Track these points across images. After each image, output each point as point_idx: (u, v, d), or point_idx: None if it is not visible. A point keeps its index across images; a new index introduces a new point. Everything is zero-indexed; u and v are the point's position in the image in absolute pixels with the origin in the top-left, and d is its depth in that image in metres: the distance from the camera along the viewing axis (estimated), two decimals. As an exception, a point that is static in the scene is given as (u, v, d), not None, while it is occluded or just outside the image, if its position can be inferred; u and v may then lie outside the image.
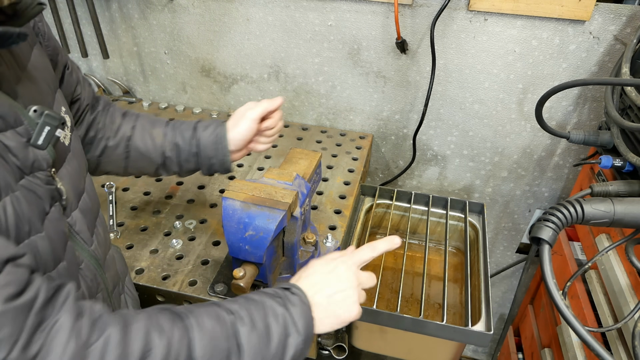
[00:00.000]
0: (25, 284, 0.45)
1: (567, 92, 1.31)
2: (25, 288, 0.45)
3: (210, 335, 0.56)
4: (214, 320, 0.58)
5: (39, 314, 0.45)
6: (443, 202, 1.25)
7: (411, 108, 1.47)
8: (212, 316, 0.59)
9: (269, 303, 0.63)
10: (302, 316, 0.64)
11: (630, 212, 0.75)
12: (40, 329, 0.45)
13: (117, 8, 1.54)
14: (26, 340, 0.43)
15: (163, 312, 0.57)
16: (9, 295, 0.43)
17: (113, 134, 0.89)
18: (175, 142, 0.91)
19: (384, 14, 1.31)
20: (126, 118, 0.92)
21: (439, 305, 1.17)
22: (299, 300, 0.65)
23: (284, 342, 0.61)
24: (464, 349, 1.08)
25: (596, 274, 1.10)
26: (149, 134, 0.91)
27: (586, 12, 1.15)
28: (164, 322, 0.55)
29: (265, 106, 0.92)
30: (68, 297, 0.49)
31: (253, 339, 0.59)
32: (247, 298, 0.64)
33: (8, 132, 0.51)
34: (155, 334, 0.53)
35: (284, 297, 0.65)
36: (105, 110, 0.90)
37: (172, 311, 0.58)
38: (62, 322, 0.46)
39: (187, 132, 0.92)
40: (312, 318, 0.65)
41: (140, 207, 1.20)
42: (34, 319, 0.44)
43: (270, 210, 0.79)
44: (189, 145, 0.91)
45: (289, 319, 0.63)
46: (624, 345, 0.94)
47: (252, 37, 1.48)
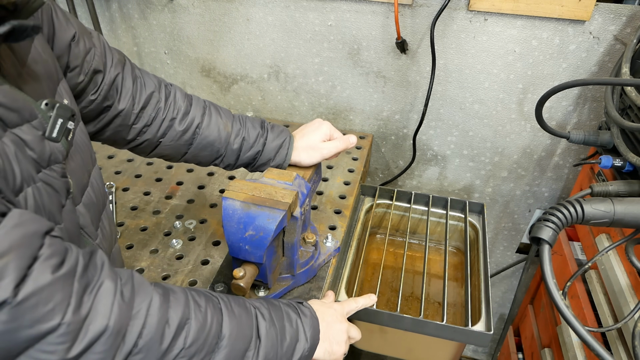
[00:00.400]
0: (64, 253, 0.48)
1: (567, 92, 1.31)
2: (65, 257, 0.48)
3: (238, 320, 0.62)
4: (241, 308, 0.64)
5: (83, 279, 0.48)
6: (443, 202, 1.25)
7: (411, 108, 1.47)
8: (240, 304, 0.65)
9: (285, 309, 0.71)
10: (311, 327, 0.72)
11: (630, 212, 0.75)
12: (87, 292, 0.48)
13: (117, 8, 1.54)
14: (76, 303, 0.46)
15: (197, 291, 0.62)
16: (54, 266, 0.46)
17: (180, 117, 0.86)
18: (243, 137, 0.91)
19: (384, 14, 1.31)
20: (193, 103, 0.89)
21: (438, 304, 1.17)
22: (309, 313, 0.74)
23: (294, 345, 0.69)
24: (464, 349, 1.08)
25: (596, 274, 1.10)
26: (218, 123, 0.89)
27: (586, 12, 1.15)
28: (199, 299, 0.60)
29: (341, 148, 0.95)
30: (104, 262, 0.52)
31: (271, 334, 0.66)
32: (266, 300, 0.72)
33: (24, 126, 0.52)
34: (194, 305, 0.58)
35: (298, 307, 0.74)
36: (161, 89, 0.86)
37: (204, 292, 0.63)
38: (105, 285, 0.50)
39: (254, 130, 0.92)
40: (318, 331, 0.74)
41: (140, 207, 1.20)
42: (79, 284, 0.48)
43: (270, 210, 0.79)
44: (256, 144, 0.91)
45: (301, 326, 0.71)
46: (624, 345, 0.94)
47: (252, 37, 1.48)
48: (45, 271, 0.45)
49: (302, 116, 1.62)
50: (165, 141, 0.86)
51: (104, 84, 0.77)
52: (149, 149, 0.87)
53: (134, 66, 0.84)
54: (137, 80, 0.82)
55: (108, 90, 0.78)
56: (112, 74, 0.78)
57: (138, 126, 0.83)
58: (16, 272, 0.42)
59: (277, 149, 0.92)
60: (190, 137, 0.88)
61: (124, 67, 0.81)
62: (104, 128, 0.81)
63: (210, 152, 0.90)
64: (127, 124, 0.82)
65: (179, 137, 0.87)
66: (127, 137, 0.84)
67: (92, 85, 0.75)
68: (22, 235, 0.44)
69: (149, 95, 0.83)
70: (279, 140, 0.92)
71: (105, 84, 0.77)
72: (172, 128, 0.86)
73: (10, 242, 0.43)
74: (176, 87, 0.89)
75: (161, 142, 0.86)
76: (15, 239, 0.43)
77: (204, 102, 0.91)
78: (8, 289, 0.41)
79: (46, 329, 0.44)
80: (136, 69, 0.84)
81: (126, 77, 0.80)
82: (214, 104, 0.93)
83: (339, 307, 0.84)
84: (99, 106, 0.78)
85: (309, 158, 0.94)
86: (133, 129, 0.83)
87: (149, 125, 0.84)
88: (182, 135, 0.87)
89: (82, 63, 0.72)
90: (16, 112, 0.51)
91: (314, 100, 1.57)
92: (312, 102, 1.57)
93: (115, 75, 0.78)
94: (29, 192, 0.50)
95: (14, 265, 0.42)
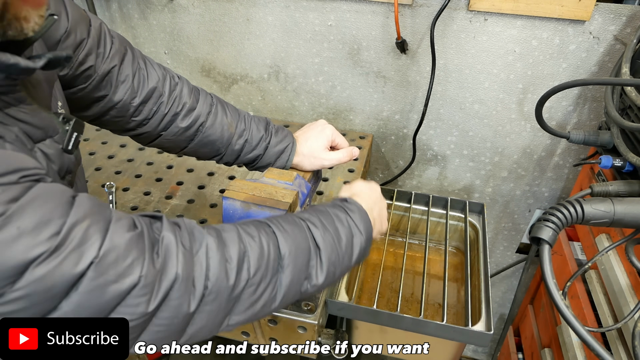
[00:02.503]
0: (129, 217, 0.53)
1: (567, 92, 1.31)
2: (132, 220, 0.53)
3: (292, 237, 0.65)
4: (292, 225, 0.67)
5: (150, 237, 0.53)
6: (443, 202, 1.25)
7: (411, 108, 1.47)
8: (290, 221, 0.67)
9: (332, 211, 0.73)
10: (362, 220, 0.74)
11: (630, 212, 0.75)
12: (156, 247, 0.52)
13: (117, 8, 1.54)
14: (150, 256, 0.50)
15: (247, 223, 0.65)
16: (127, 226, 0.51)
17: (184, 113, 0.85)
18: (245, 138, 0.91)
19: (384, 14, 1.31)
20: (200, 99, 0.87)
21: (439, 305, 1.17)
22: (356, 208, 0.75)
23: (351, 241, 0.71)
24: (464, 349, 1.08)
25: (596, 274, 1.10)
26: (222, 123, 0.89)
27: (586, 12, 1.15)
28: (250, 230, 0.62)
29: (343, 161, 0.96)
30: (162, 220, 0.57)
31: (327, 238, 0.68)
32: (313, 208, 0.74)
33: (47, 140, 0.55)
34: (247, 237, 0.61)
35: (344, 206, 0.75)
36: (166, 82, 0.84)
37: (254, 221, 0.66)
38: (168, 238, 0.54)
39: (258, 133, 0.92)
40: (369, 220, 0.75)
41: (141, 207, 1.20)
42: (148, 240, 0.52)
43: (270, 210, 0.79)
44: (258, 147, 0.92)
45: (352, 222, 0.72)
46: (624, 345, 0.94)
47: (252, 37, 1.48)
48: (120, 230, 0.49)
49: (302, 116, 1.62)
50: (166, 135, 0.86)
51: (95, 75, 0.75)
52: (148, 140, 0.87)
53: (136, 57, 0.82)
54: (138, 72, 0.81)
55: (100, 82, 0.76)
56: (106, 65, 0.76)
57: (138, 119, 0.83)
58: (98, 233, 0.47)
59: (278, 154, 0.92)
60: (193, 134, 0.87)
61: (123, 58, 0.79)
62: (100, 117, 0.81)
63: (211, 149, 0.90)
64: (125, 116, 0.82)
65: (180, 132, 0.86)
66: (127, 127, 0.84)
67: (82, 77, 0.74)
68: (92, 204, 0.49)
69: (152, 89, 0.82)
70: (281, 146, 0.92)
71: (97, 75, 0.75)
72: (174, 123, 0.85)
73: (85, 210, 0.47)
74: (184, 81, 0.88)
75: (162, 135, 0.86)
76: (88, 207, 0.48)
77: (212, 99, 0.90)
78: (94, 248, 0.46)
79: (129, 283, 0.48)
80: (139, 60, 0.82)
81: (124, 69, 0.79)
82: (222, 101, 0.92)
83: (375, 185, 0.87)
84: (90, 95, 0.77)
85: (311, 166, 0.94)
86: (133, 121, 0.83)
87: (150, 119, 0.83)
88: (184, 131, 0.86)
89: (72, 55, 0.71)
90: (42, 130, 0.54)
91: (314, 100, 1.57)
92: (312, 102, 1.57)
93: (111, 67, 0.77)
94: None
95: (96, 228, 0.47)
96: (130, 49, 0.82)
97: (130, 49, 0.82)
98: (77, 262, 0.44)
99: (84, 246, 0.45)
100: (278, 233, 0.64)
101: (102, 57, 0.76)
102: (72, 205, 0.47)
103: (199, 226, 0.59)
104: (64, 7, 0.69)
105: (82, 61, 0.72)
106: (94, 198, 0.50)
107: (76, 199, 0.48)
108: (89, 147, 1.41)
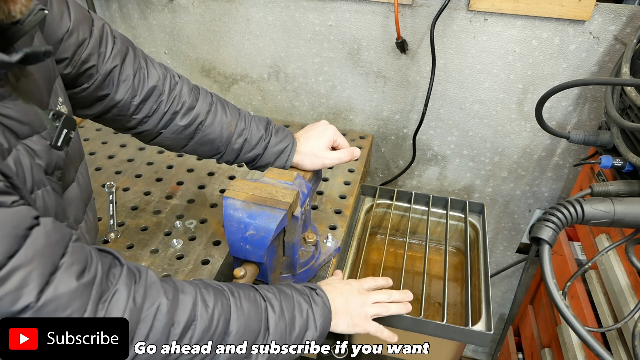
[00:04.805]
0: (86, 261, 0.52)
1: (567, 92, 1.31)
2: (87, 264, 0.51)
3: (246, 316, 0.66)
4: (251, 303, 0.68)
5: (100, 287, 0.52)
6: (443, 202, 1.25)
7: (411, 108, 1.47)
8: (250, 299, 0.69)
9: (297, 298, 0.74)
10: (322, 316, 0.75)
11: (630, 212, 0.75)
12: (102, 300, 0.52)
13: (117, 8, 1.54)
14: (93, 308, 0.50)
15: (208, 288, 0.65)
16: (78, 273, 0.49)
17: (183, 111, 0.86)
18: (245, 137, 0.91)
19: (384, 14, 1.31)
20: (200, 98, 0.88)
21: (439, 305, 1.18)
22: (321, 302, 0.77)
23: (303, 334, 0.72)
24: (464, 348, 1.08)
25: (596, 274, 1.10)
26: (222, 122, 0.89)
27: (586, 12, 1.15)
28: (208, 298, 0.63)
29: (344, 160, 0.96)
30: (122, 269, 0.56)
31: (280, 326, 0.69)
32: (280, 289, 0.75)
33: (34, 136, 0.55)
34: (201, 307, 0.61)
35: (310, 295, 0.77)
36: (166, 81, 0.85)
37: (216, 288, 0.67)
38: (120, 292, 0.53)
39: (258, 132, 0.91)
40: (329, 319, 0.77)
41: (141, 207, 1.20)
42: (97, 290, 0.51)
43: (271, 209, 0.79)
44: (257, 147, 0.92)
45: (312, 315, 0.74)
46: (624, 345, 0.94)
47: (252, 37, 1.48)
48: (67, 279, 0.48)
49: (302, 116, 1.62)
50: (166, 133, 0.87)
51: (98, 75, 0.76)
52: (149, 138, 0.88)
53: (138, 56, 0.83)
54: (139, 71, 0.82)
55: (103, 81, 0.77)
56: (108, 65, 0.77)
57: (139, 117, 0.83)
58: (39, 279, 0.45)
59: (277, 154, 0.92)
60: (192, 132, 0.88)
61: (124, 58, 0.80)
62: (102, 115, 0.82)
63: (210, 148, 0.91)
64: (126, 114, 0.83)
65: (180, 131, 0.87)
66: (127, 125, 0.85)
67: (84, 76, 0.75)
68: (47, 243, 0.47)
69: (152, 88, 0.83)
70: (281, 146, 0.92)
71: (99, 75, 0.76)
72: (174, 122, 0.86)
73: (35, 250, 0.45)
74: (184, 80, 0.88)
75: (162, 133, 0.87)
76: (38, 248, 0.46)
77: (212, 98, 0.90)
78: (32, 295, 0.44)
79: None
80: (140, 59, 0.83)
81: (125, 69, 0.80)
82: (222, 100, 0.92)
83: (355, 283, 0.87)
84: (93, 94, 0.78)
85: (311, 164, 0.94)
86: (133, 119, 0.83)
87: (150, 117, 0.84)
88: (183, 129, 0.87)
89: (72, 56, 0.71)
90: (28, 125, 0.54)
91: (314, 100, 1.57)
92: (312, 102, 1.57)
93: (113, 67, 0.77)
94: (38, 194, 0.53)
95: (38, 273, 0.45)
96: (132, 48, 0.83)
97: (132, 48, 0.83)
98: (12, 304, 0.44)
99: (22, 290, 0.44)
100: (234, 309, 0.65)
101: (104, 57, 0.76)
102: (24, 240, 0.45)
103: (159, 282, 0.59)
104: (66, 6, 0.70)
105: (84, 60, 0.73)
106: (55, 231, 0.49)
107: (33, 232, 0.46)
108: (89, 147, 1.41)
